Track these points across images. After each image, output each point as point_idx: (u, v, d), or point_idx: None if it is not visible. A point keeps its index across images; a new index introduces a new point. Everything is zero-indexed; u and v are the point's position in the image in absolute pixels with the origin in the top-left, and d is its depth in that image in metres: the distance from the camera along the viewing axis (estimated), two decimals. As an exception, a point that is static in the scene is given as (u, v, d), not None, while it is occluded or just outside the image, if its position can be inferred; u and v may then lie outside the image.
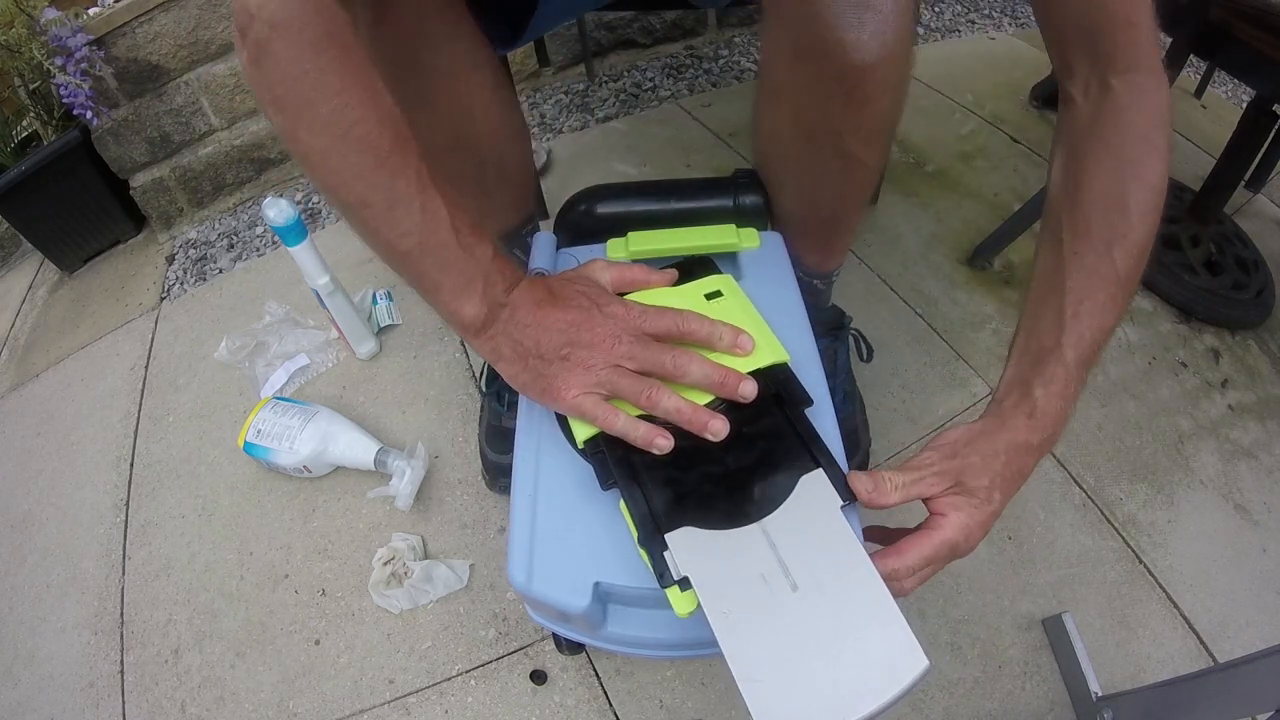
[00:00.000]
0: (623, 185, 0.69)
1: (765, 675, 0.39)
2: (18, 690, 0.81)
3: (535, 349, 0.46)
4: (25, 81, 1.19)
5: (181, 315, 1.21)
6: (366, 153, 0.42)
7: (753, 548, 0.43)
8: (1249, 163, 1.06)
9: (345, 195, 0.44)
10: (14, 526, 0.97)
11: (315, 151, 0.43)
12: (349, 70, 0.42)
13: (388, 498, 0.86)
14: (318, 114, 0.41)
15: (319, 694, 0.75)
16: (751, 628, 0.40)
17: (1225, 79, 1.60)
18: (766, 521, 0.44)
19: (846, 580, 0.41)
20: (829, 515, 0.44)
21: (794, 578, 0.41)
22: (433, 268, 0.45)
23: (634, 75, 1.56)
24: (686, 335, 0.48)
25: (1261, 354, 1.03)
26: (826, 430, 0.51)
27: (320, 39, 0.41)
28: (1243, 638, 0.76)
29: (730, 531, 0.44)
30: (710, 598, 0.41)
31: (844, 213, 0.69)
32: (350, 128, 0.41)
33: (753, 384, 0.46)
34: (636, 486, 0.45)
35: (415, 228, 0.44)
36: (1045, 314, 0.49)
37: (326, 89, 0.41)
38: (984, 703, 0.71)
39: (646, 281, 0.53)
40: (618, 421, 0.45)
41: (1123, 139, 0.48)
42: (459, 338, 1.06)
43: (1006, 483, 0.45)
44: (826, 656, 0.39)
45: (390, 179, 0.43)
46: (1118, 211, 0.47)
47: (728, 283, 0.56)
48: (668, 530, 0.44)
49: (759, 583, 0.41)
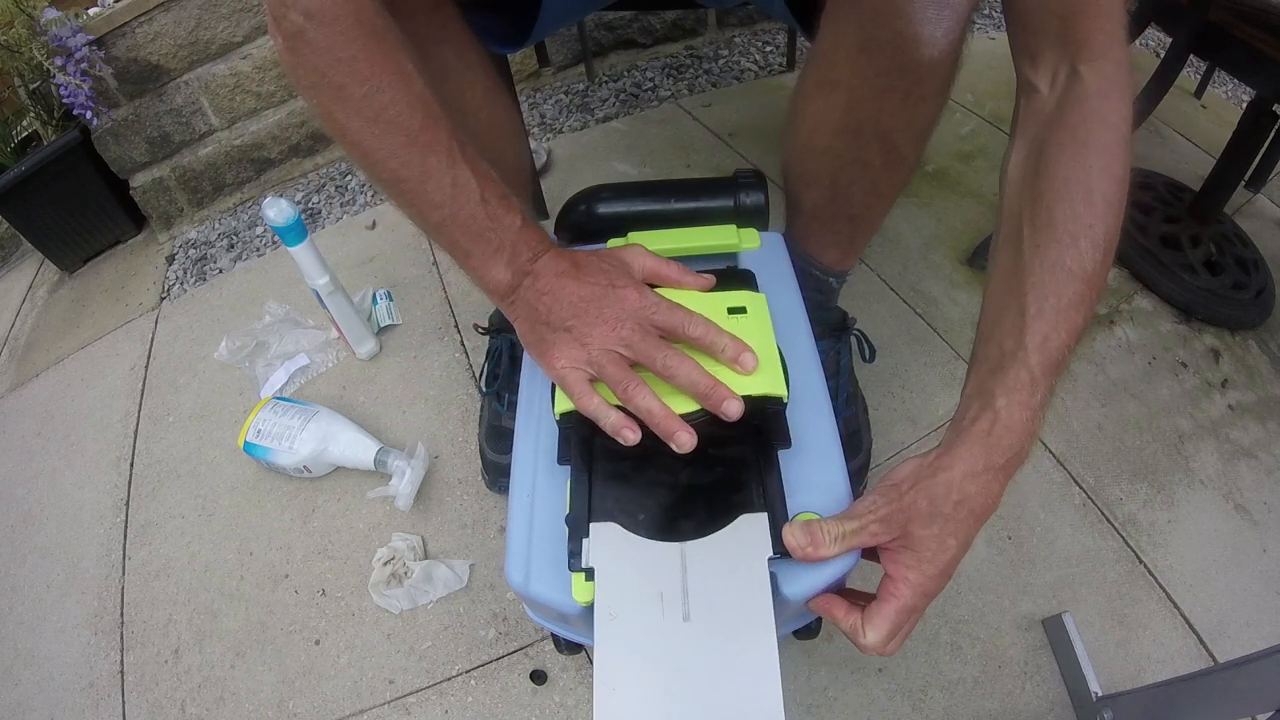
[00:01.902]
0: (623, 185, 0.68)
1: (624, 689, 0.39)
2: (18, 690, 0.81)
3: (545, 316, 0.48)
4: (25, 81, 1.19)
5: (181, 315, 1.21)
6: (399, 133, 0.45)
7: (665, 565, 0.42)
8: (1249, 163, 1.06)
9: (380, 173, 0.47)
10: (14, 526, 0.97)
11: (350, 132, 0.46)
12: (379, 55, 0.44)
13: (388, 498, 0.86)
14: (351, 98, 0.44)
15: (319, 694, 0.75)
16: (630, 639, 0.40)
17: (1225, 79, 1.60)
18: (689, 545, 0.43)
19: (740, 629, 0.40)
20: (752, 561, 0.42)
21: (690, 607, 0.41)
22: (463, 237, 0.48)
23: (634, 75, 1.56)
24: (691, 339, 0.47)
25: (1261, 354, 1.03)
26: (825, 433, 0.51)
27: (351, 28, 0.43)
28: (1243, 638, 0.76)
29: (651, 542, 0.44)
30: (604, 596, 0.42)
31: (873, 210, 0.69)
32: (382, 110, 0.44)
33: (738, 404, 0.45)
34: (586, 470, 0.46)
35: (446, 200, 0.46)
36: (1005, 317, 0.44)
37: (358, 75, 0.43)
38: (984, 703, 0.71)
39: (679, 280, 0.52)
40: (591, 403, 0.46)
41: (1091, 127, 0.45)
42: (459, 338, 1.06)
43: (964, 521, 0.41)
44: (689, 695, 0.38)
45: (422, 156, 0.45)
46: (1084, 202, 0.43)
47: (758, 303, 0.53)
48: (596, 520, 0.44)
49: (655, 600, 0.41)
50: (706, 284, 0.53)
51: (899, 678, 0.72)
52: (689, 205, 0.67)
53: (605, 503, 0.45)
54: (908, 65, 0.52)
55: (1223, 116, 1.46)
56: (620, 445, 0.45)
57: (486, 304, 1.06)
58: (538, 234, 0.50)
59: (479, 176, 0.47)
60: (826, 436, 0.51)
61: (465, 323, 1.08)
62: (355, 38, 0.43)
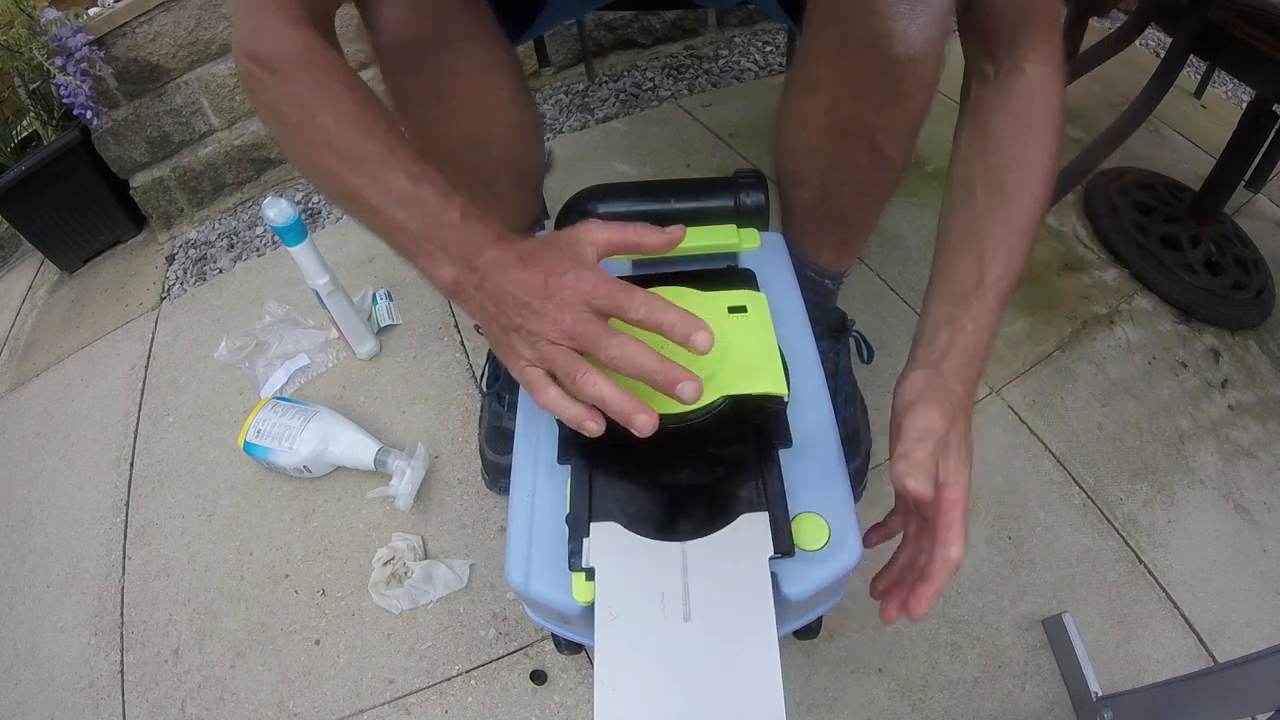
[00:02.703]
0: (623, 185, 0.68)
1: (624, 688, 0.39)
2: (18, 690, 0.81)
3: (497, 314, 0.46)
4: (25, 81, 1.19)
5: (181, 315, 1.21)
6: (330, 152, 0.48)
7: (666, 565, 0.43)
8: (1249, 163, 1.06)
9: (327, 191, 0.50)
10: (14, 526, 0.97)
11: (297, 157, 0.50)
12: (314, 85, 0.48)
13: (388, 498, 0.86)
14: (291, 125, 0.48)
15: (319, 694, 0.75)
16: (631, 638, 0.40)
17: (1225, 79, 1.60)
18: (690, 545, 0.43)
19: (741, 629, 0.40)
20: (753, 560, 0.42)
21: (691, 607, 0.41)
22: (406, 241, 0.47)
23: (634, 75, 1.56)
24: (635, 322, 0.43)
25: (1261, 354, 1.03)
26: (826, 433, 0.51)
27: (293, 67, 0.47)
28: (1243, 638, 0.76)
29: (652, 542, 0.43)
30: (605, 595, 0.41)
31: (865, 211, 0.69)
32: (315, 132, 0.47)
33: (694, 386, 0.41)
34: (586, 470, 0.46)
35: (385, 206, 0.47)
36: (962, 260, 0.52)
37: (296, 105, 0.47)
38: (984, 703, 0.71)
39: (639, 242, 0.48)
40: (547, 398, 0.44)
41: (1032, 111, 0.53)
42: (459, 338, 1.06)
43: (968, 418, 0.47)
44: (688, 695, 0.38)
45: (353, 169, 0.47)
46: (1026, 171, 0.52)
47: (759, 302, 0.54)
48: (597, 519, 0.44)
49: (656, 600, 0.41)
50: (671, 239, 0.49)
51: (899, 678, 0.72)
52: (689, 205, 0.67)
53: (606, 502, 0.45)
54: (887, 64, 0.52)
55: (1223, 116, 1.46)
56: (624, 443, 0.44)
57: (486, 304, 1.07)
58: (480, 227, 0.47)
59: (414, 179, 0.46)
60: (827, 436, 0.51)
61: (465, 323, 1.08)
62: (295, 74, 0.47)
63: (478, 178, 0.71)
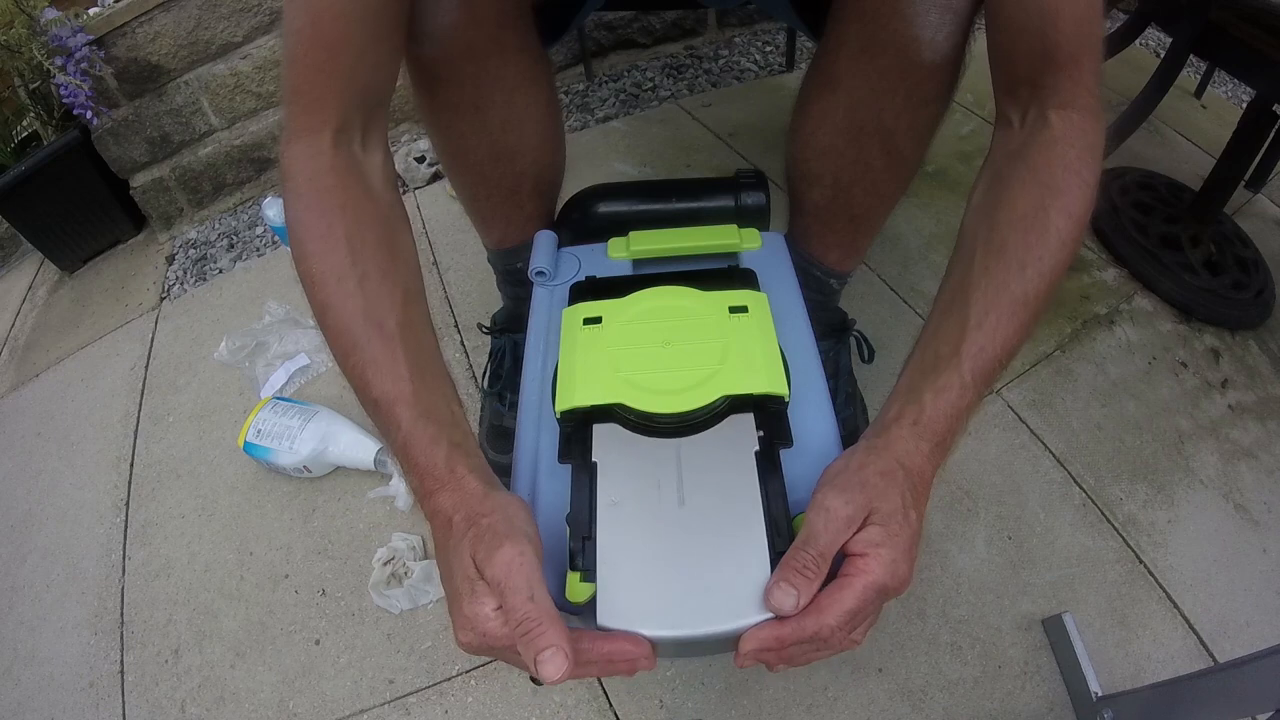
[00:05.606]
0: (623, 185, 0.69)
1: (625, 568, 0.41)
2: (18, 690, 0.81)
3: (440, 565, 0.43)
4: (25, 81, 1.19)
5: (181, 315, 1.21)
6: (341, 334, 0.47)
7: (661, 457, 0.46)
8: (1249, 163, 1.06)
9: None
10: (14, 526, 0.97)
11: (302, 277, 0.49)
12: (331, 252, 0.47)
13: (388, 498, 0.86)
14: (312, 265, 0.47)
15: (319, 694, 0.75)
16: (630, 523, 0.43)
17: (1225, 79, 1.60)
18: (684, 441, 0.47)
19: (731, 511, 0.43)
20: (741, 451, 0.46)
21: (685, 494, 0.44)
22: (386, 426, 0.46)
23: (634, 75, 1.56)
24: (511, 662, 0.40)
25: (1261, 354, 1.03)
26: (826, 433, 0.51)
27: (315, 197, 0.47)
28: (1243, 638, 0.76)
29: (650, 439, 0.47)
30: (607, 485, 0.45)
31: (875, 211, 0.69)
32: (327, 307, 0.47)
33: (554, 667, 0.35)
34: (587, 470, 0.47)
35: (370, 409, 0.47)
36: (946, 326, 0.46)
37: (310, 253, 0.47)
38: (984, 703, 0.71)
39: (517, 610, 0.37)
40: (478, 655, 0.40)
41: (1051, 167, 0.46)
42: (459, 338, 1.06)
43: (919, 494, 0.41)
44: (685, 573, 0.41)
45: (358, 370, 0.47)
46: (1036, 233, 0.45)
47: (760, 301, 0.54)
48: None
49: (652, 487, 0.45)
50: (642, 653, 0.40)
51: (899, 678, 0.72)
52: (690, 205, 0.67)
53: None
54: (909, 67, 0.53)
55: (1223, 116, 1.47)
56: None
57: (487, 304, 1.07)
58: (438, 468, 0.43)
59: (398, 402, 0.44)
60: (827, 436, 0.51)
61: (465, 323, 1.08)
62: (324, 210, 0.47)
63: (500, 187, 0.71)
